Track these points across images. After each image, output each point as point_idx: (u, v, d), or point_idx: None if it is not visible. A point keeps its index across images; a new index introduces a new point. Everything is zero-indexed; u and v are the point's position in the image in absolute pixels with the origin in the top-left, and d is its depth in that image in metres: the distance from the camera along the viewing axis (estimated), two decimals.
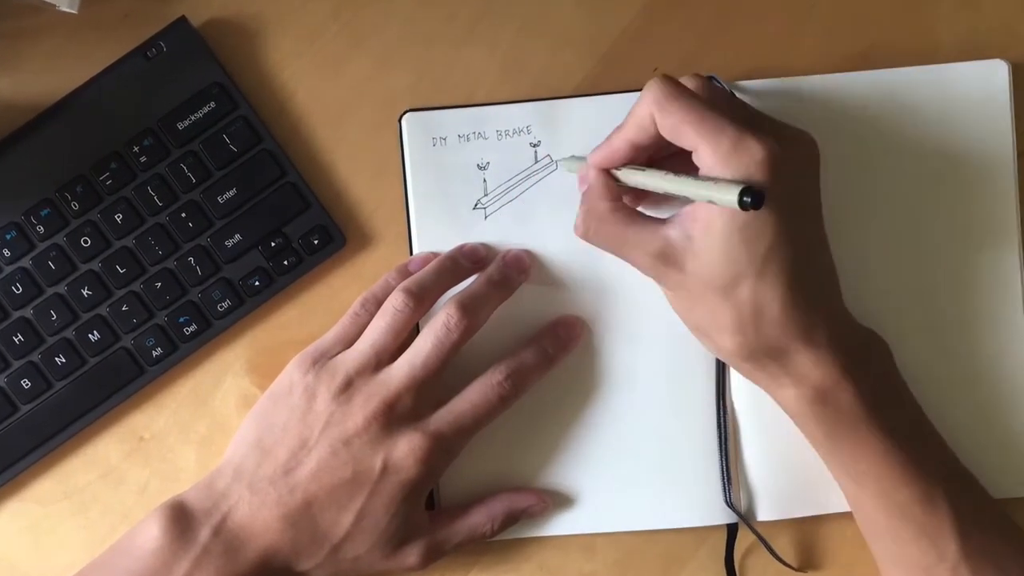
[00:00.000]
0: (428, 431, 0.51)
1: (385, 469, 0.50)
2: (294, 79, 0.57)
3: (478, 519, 0.54)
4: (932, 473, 0.49)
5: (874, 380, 0.49)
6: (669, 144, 0.48)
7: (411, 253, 0.56)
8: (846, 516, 0.53)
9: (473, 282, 0.54)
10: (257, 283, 0.56)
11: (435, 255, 0.55)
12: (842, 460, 0.50)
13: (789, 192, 0.46)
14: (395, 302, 0.52)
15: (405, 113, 0.56)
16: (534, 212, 0.56)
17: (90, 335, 0.55)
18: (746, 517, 0.55)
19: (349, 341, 0.53)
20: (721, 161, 0.45)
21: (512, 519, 0.55)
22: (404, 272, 0.55)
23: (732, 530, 0.56)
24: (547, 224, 0.56)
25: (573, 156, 0.54)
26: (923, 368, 0.55)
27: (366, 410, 0.50)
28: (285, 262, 0.56)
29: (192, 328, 0.56)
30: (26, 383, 0.55)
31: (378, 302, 0.54)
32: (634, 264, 0.50)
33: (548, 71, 0.57)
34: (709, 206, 0.46)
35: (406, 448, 0.50)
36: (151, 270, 0.55)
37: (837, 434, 0.49)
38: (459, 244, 0.55)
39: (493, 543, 0.56)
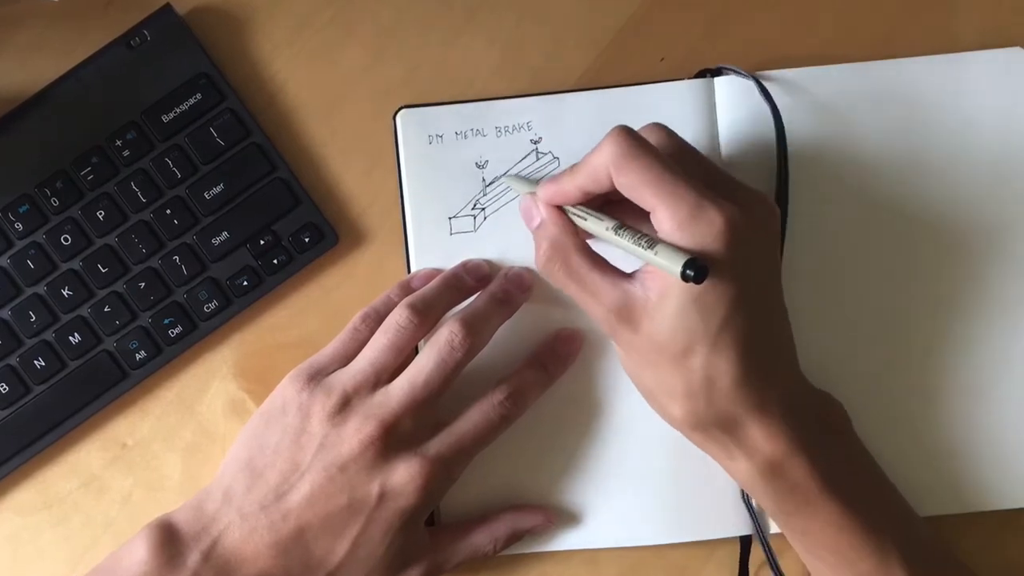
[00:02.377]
0: (428, 455, 0.49)
1: (383, 496, 0.49)
2: (284, 70, 0.56)
3: (480, 538, 0.53)
4: (891, 542, 0.48)
5: (830, 448, 0.48)
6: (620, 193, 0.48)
7: (407, 253, 0.55)
8: None
9: (475, 300, 0.53)
10: (245, 283, 0.55)
11: (437, 271, 0.54)
12: (796, 534, 0.49)
13: (747, 260, 0.46)
14: (399, 318, 0.51)
15: (400, 110, 0.55)
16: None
17: (71, 337, 0.54)
18: (760, 523, 0.54)
19: (347, 358, 0.52)
20: (678, 228, 0.45)
21: (516, 538, 0.53)
22: (406, 288, 0.54)
23: (746, 542, 0.55)
24: None
25: (519, 176, 0.53)
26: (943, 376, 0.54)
27: (362, 433, 0.49)
28: (275, 261, 0.55)
29: (177, 330, 0.55)
30: (3, 388, 0.54)
31: (379, 318, 0.52)
32: (589, 312, 0.49)
33: (549, 63, 0.56)
34: None
35: (405, 474, 0.49)
36: (134, 269, 0.54)
37: (790, 508, 0.48)
38: (463, 260, 0.54)
39: (493, 557, 0.54)
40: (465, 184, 0.55)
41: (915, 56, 0.55)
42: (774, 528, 0.54)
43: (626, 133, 0.46)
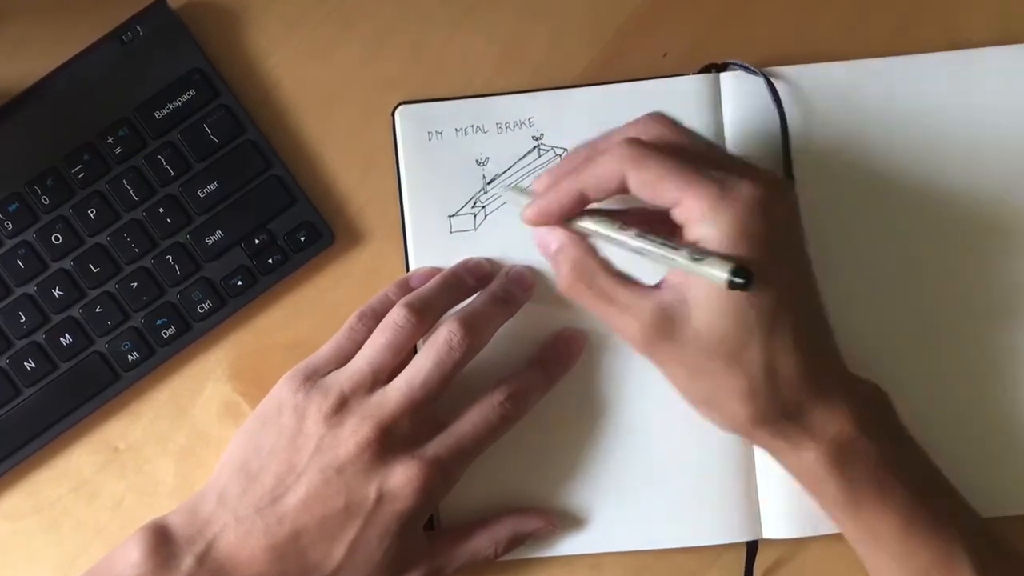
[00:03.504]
0: (426, 457, 0.48)
1: (380, 499, 0.48)
2: (280, 65, 0.56)
3: (481, 542, 0.52)
4: (951, 530, 0.47)
5: (890, 432, 0.48)
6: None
7: (405, 252, 0.55)
8: None
9: (475, 299, 0.52)
10: (240, 283, 0.54)
11: (436, 270, 0.53)
12: (864, 523, 0.48)
13: (783, 237, 0.45)
14: (396, 317, 0.50)
15: (398, 106, 0.55)
16: None
17: (62, 339, 0.53)
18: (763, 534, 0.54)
19: (344, 358, 0.51)
20: (709, 209, 0.44)
21: (517, 542, 0.53)
22: (405, 287, 0.53)
23: (751, 547, 0.54)
24: None
25: (517, 186, 0.52)
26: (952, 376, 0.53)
27: (360, 435, 0.48)
28: (270, 260, 0.54)
29: (171, 331, 0.54)
30: None
31: (376, 317, 0.51)
32: (622, 332, 0.47)
33: (551, 58, 0.56)
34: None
35: (403, 477, 0.48)
36: (127, 269, 0.54)
37: (861, 494, 0.47)
38: (463, 258, 0.54)
39: (493, 561, 0.54)
40: (465, 182, 0.54)
41: (924, 53, 0.54)
42: (770, 534, 0.53)
43: (633, 140, 0.46)
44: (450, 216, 0.54)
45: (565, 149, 0.54)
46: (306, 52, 0.55)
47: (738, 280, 0.42)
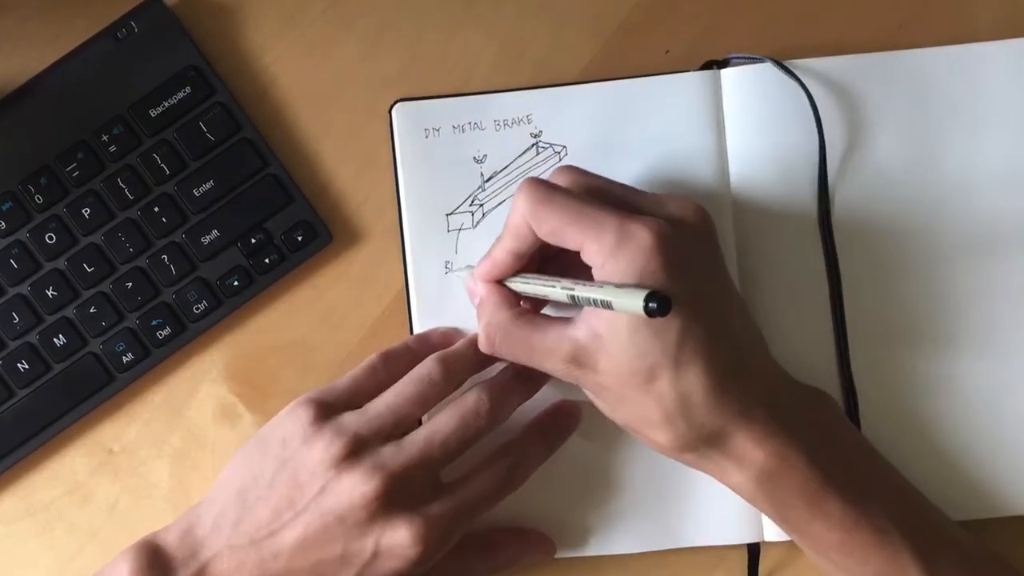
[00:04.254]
0: (430, 517, 0.47)
1: (377, 553, 0.47)
2: (276, 63, 0.55)
3: (478, 565, 0.52)
4: (899, 537, 0.47)
5: (824, 444, 0.47)
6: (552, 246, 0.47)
7: (403, 251, 0.54)
8: None
9: (504, 372, 0.51)
10: (236, 283, 0.54)
11: (456, 333, 0.53)
12: (802, 537, 0.48)
13: (686, 270, 0.45)
14: (432, 372, 0.49)
15: (396, 103, 0.54)
16: None
17: (55, 339, 0.53)
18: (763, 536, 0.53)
19: (360, 396, 0.50)
20: (609, 256, 0.45)
21: (514, 564, 0.53)
22: (426, 342, 0.52)
23: (754, 550, 0.54)
24: None
25: (469, 266, 0.53)
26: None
27: (368, 485, 0.46)
28: (266, 260, 0.54)
29: (166, 332, 0.54)
30: None
31: (399, 363, 0.51)
32: (548, 371, 0.48)
33: (550, 55, 0.55)
34: None
35: (404, 536, 0.47)
36: (121, 269, 0.54)
37: (793, 513, 0.47)
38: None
39: None
40: (463, 180, 0.54)
41: (930, 46, 0.54)
42: (772, 536, 0.53)
43: (534, 183, 0.46)
44: (448, 214, 0.54)
45: (564, 147, 0.54)
46: (303, 49, 0.55)
47: (653, 305, 0.42)
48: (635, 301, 0.42)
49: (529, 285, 0.48)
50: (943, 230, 0.54)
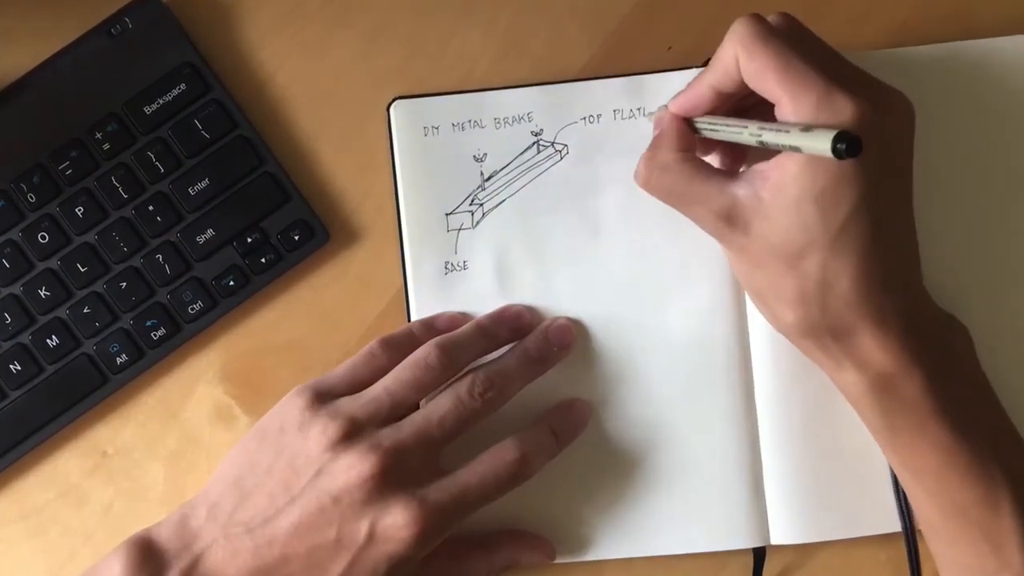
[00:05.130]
0: (428, 500, 0.47)
1: (371, 536, 0.47)
2: (273, 59, 0.55)
3: (477, 566, 0.52)
4: (1000, 475, 0.46)
5: (947, 370, 0.47)
6: (754, 94, 0.46)
7: (401, 251, 0.54)
8: (880, 539, 0.52)
9: (508, 354, 0.51)
10: (232, 283, 0.54)
11: (463, 316, 0.53)
12: (900, 454, 0.48)
13: (878, 158, 0.44)
14: (429, 357, 0.49)
15: (394, 101, 0.54)
16: (536, 207, 0.54)
17: (48, 340, 0.53)
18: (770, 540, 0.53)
19: (358, 384, 0.50)
20: (804, 118, 0.43)
21: (513, 568, 0.53)
22: (430, 327, 0.52)
23: (759, 554, 0.53)
24: (550, 221, 0.54)
25: (663, 106, 0.51)
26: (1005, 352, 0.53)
27: (365, 464, 0.46)
28: (263, 260, 0.54)
29: (160, 332, 0.54)
30: None
31: (399, 349, 0.51)
32: (695, 220, 0.48)
33: (551, 52, 0.55)
34: (783, 165, 0.44)
35: (400, 517, 0.46)
36: (115, 268, 0.53)
37: (898, 426, 0.47)
38: (505, 304, 0.53)
39: None
40: (463, 178, 0.54)
41: (934, 43, 0.54)
42: (778, 539, 0.53)
43: (755, 19, 0.45)
44: (447, 214, 0.54)
45: (565, 145, 0.53)
46: (300, 45, 0.55)
47: (841, 146, 0.40)
48: (823, 141, 0.40)
49: (717, 127, 0.47)
50: (948, 229, 0.53)
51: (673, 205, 0.48)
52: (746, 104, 0.48)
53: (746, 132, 0.45)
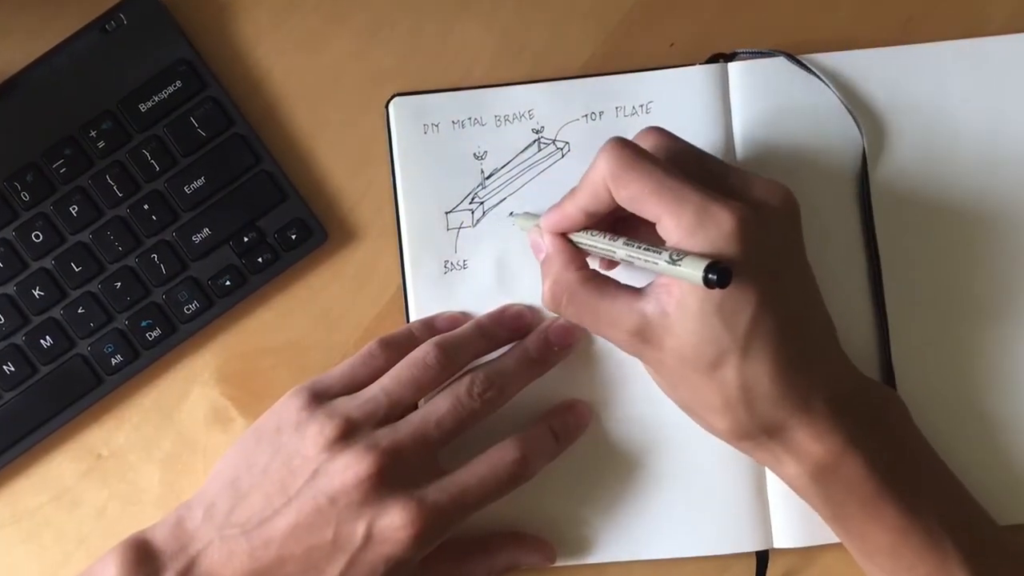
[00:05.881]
0: (426, 501, 0.47)
1: (369, 537, 0.46)
2: (269, 56, 0.55)
3: (476, 569, 0.51)
4: (952, 545, 0.46)
5: (885, 444, 0.47)
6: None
7: (400, 250, 0.54)
8: None
9: (508, 354, 0.51)
10: (228, 283, 0.54)
11: (463, 316, 0.53)
12: (852, 538, 0.48)
13: (766, 256, 0.45)
14: (427, 356, 0.49)
15: (393, 98, 0.54)
16: (537, 206, 0.53)
17: (42, 341, 0.53)
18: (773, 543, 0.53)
19: (356, 384, 0.50)
20: (686, 235, 0.44)
21: (512, 570, 0.52)
22: (430, 327, 0.52)
23: (762, 557, 0.53)
24: None
25: (527, 212, 0.53)
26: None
27: (362, 465, 0.46)
28: (259, 259, 0.54)
29: (156, 333, 0.53)
30: None
31: (399, 349, 0.50)
32: (610, 340, 0.48)
33: (552, 48, 0.55)
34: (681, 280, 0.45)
35: (398, 518, 0.46)
36: (110, 268, 0.53)
37: (845, 512, 0.47)
38: (505, 304, 0.53)
39: None
40: (463, 177, 0.53)
41: (941, 41, 0.54)
42: (781, 543, 0.53)
43: (620, 143, 0.46)
44: (447, 212, 0.53)
45: (567, 143, 0.53)
46: (297, 41, 0.55)
47: (713, 277, 0.41)
48: (695, 272, 0.41)
49: (594, 240, 0.47)
50: (954, 227, 0.53)
51: (587, 327, 0.48)
52: (621, 215, 0.48)
53: (619, 251, 0.46)
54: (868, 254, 0.53)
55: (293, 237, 0.53)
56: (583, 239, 0.48)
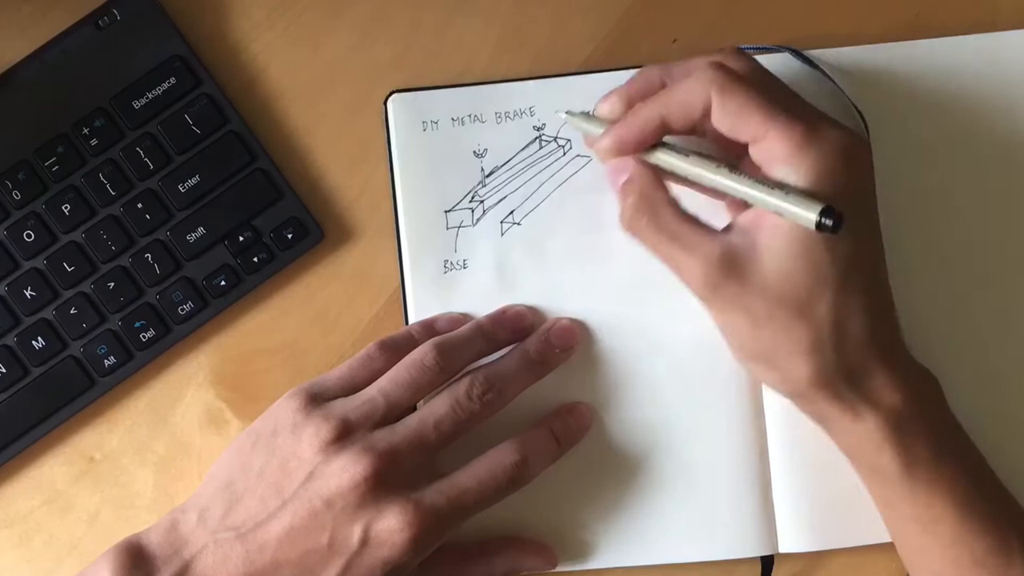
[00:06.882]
0: (423, 504, 0.46)
1: (365, 541, 0.46)
2: (265, 52, 0.55)
3: (476, 573, 0.51)
4: (1005, 521, 0.46)
5: (940, 417, 0.47)
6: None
7: (399, 250, 0.54)
8: (889, 548, 0.51)
9: (508, 356, 0.51)
10: (223, 283, 0.53)
11: (464, 317, 0.53)
12: (920, 504, 0.47)
13: (864, 190, 0.45)
14: (425, 358, 0.49)
15: (391, 95, 0.54)
16: (538, 205, 0.53)
17: (34, 342, 0.53)
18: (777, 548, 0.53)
19: (355, 386, 0.49)
20: (797, 150, 0.43)
21: (513, 573, 0.52)
22: (429, 328, 0.52)
23: (767, 562, 0.53)
24: (552, 218, 0.54)
25: (585, 112, 0.50)
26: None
27: (358, 467, 0.46)
28: (255, 259, 0.54)
29: (149, 334, 0.53)
30: None
31: (398, 351, 0.50)
32: (683, 271, 0.46)
33: (552, 44, 0.55)
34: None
35: (394, 521, 0.46)
36: (103, 268, 0.53)
37: (918, 471, 0.46)
38: (505, 304, 0.53)
39: None
40: (462, 174, 0.53)
41: (951, 35, 0.54)
42: (786, 548, 0.52)
43: (722, 66, 0.45)
44: (446, 211, 0.53)
45: (568, 140, 0.53)
46: (293, 37, 0.55)
47: (827, 222, 0.41)
48: (808, 212, 0.40)
49: (679, 159, 0.46)
50: (964, 222, 0.53)
51: (661, 253, 0.47)
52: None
53: (718, 173, 0.44)
54: None
55: (289, 236, 0.53)
56: (665, 156, 0.46)
